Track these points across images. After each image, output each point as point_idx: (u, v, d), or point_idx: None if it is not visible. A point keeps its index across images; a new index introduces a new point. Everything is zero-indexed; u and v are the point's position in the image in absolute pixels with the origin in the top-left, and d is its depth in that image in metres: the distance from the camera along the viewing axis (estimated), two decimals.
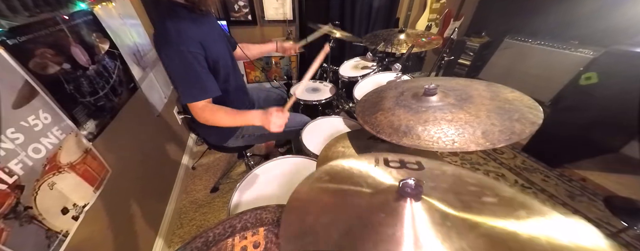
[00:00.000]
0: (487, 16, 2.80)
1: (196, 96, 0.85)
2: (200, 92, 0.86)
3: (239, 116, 0.91)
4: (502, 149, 2.00)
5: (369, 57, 1.73)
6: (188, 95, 0.84)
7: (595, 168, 1.76)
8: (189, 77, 0.83)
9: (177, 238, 1.40)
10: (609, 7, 1.92)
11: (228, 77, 1.00)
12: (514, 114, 0.61)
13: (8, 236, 0.58)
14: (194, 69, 0.82)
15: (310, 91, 1.63)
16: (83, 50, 0.93)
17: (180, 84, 0.84)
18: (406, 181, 0.39)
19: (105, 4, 1.15)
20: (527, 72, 2.37)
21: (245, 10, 2.14)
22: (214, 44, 0.90)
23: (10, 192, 0.60)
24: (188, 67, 0.81)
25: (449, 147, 0.58)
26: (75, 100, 0.86)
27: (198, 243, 0.46)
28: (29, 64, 0.70)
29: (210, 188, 1.70)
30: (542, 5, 2.33)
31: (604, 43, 1.87)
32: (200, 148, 2.06)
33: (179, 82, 0.84)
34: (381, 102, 0.81)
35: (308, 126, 1.17)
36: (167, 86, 1.73)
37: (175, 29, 0.79)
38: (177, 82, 0.84)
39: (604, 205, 1.26)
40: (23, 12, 0.73)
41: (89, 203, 0.86)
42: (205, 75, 0.86)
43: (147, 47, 1.53)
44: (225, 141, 1.16)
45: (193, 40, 0.82)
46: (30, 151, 0.66)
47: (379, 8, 2.38)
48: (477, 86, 0.76)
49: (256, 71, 2.51)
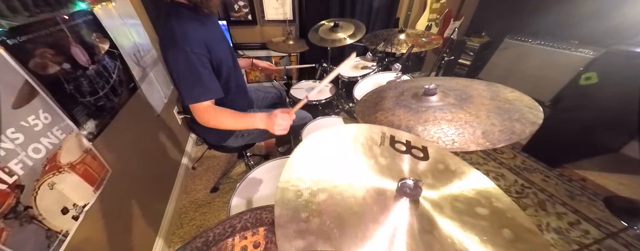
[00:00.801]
0: (487, 16, 2.80)
1: (199, 97, 0.85)
2: (203, 93, 0.85)
3: (242, 118, 0.89)
4: (502, 149, 2.00)
5: (369, 57, 1.73)
6: (191, 96, 0.84)
7: (595, 168, 1.76)
8: (192, 79, 0.83)
9: (177, 238, 1.40)
10: (609, 7, 1.92)
11: (229, 77, 1.01)
12: (514, 114, 0.61)
13: (8, 236, 0.58)
14: (198, 70, 0.82)
15: (310, 91, 1.63)
16: (83, 50, 0.93)
17: (183, 85, 0.83)
18: (405, 181, 0.39)
19: (105, 4, 1.14)
20: (527, 72, 2.37)
21: (245, 10, 2.14)
22: (217, 45, 0.90)
23: (10, 192, 0.60)
24: (192, 68, 0.81)
25: (449, 147, 0.58)
26: (75, 100, 0.86)
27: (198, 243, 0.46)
28: (29, 64, 0.70)
29: (210, 188, 1.70)
30: (542, 5, 2.33)
31: (604, 43, 1.87)
32: (200, 148, 2.06)
33: (182, 83, 0.83)
34: (381, 102, 0.81)
35: (308, 126, 1.17)
36: (167, 86, 1.73)
37: (181, 30, 0.79)
38: (180, 83, 0.84)
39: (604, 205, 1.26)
40: (23, 12, 0.73)
41: (89, 203, 0.86)
42: (209, 76, 0.86)
43: (147, 47, 1.53)
44: (225, 140, 1.16)
45: (198, 42, 0.82)
46: (30, 151, 0.66)
47: (379, 8, 2.38)
48: (477, 86, 0.76)
49: (256, 71, 2.52)
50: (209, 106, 0.87)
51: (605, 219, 1.42)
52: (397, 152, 0.51)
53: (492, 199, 0.43)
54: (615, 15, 1.89)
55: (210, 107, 0.88)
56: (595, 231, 1.38)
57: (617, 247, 1.30)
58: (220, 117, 0.88)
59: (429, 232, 0.36)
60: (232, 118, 0.89)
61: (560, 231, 1.38)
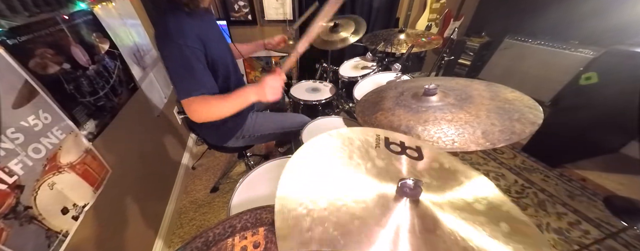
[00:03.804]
0: (487, 16, 2.80)
1: (191, 91, 0.81)
2: (195, 86, 0.82)
3: (233, 99, 0.86)
4: (502, 149, 2.00)
5: (368, 57, 1.73)
6: (183, 89, 0.81)
7: (595, 168, 1.76)
8: (185, 73, 0.81)
9: (177, 238, 1.40)
10: (609, 7, 1.92)
11: (229, 77, 1.00)
12: (514, 114, 0.61)
13: (8, 236, 0.58)
14: (191, 64, 0.81)
15: (310, 91, 1.63)
16: (83, 50, 0.93)
17: (176, 78, 0.82)
18: (405, 181, 0.39)
19: (105, 4, 1.14)
20: (527, 72, 2.37)
21: (245, 10, 2.14)
22: (213, 43, 0.89)
23: (10, 192, 0.60)
24: (185, 61, 0.80)
25: (449, 147, 0.58)
26: (75, 100, 0.86)
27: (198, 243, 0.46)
28: (29, 64, 0.70)
29: (210, 188, 1.70)
30: (542, 5, 2.33)
31: (604, 43, 1.87)
32: (200, 148, 2.06)
33: (175, 77, 0.82)
34: (381, 102, 0.81)
35: (308, 126, 1.17)
36: (167, 86, 1.73)
37: (175, 24, 0.79)
38: (173, 77, 0.82)
39: (604, 205, 1.26)
40: (23, 12, 0.73)
41: (89, 203, 0.86)
42: (203, 71, 0.85)
43: (147, 47, 1.53)
44: (226, 141, 1.16)
45: (192, 36, 0.81)
46: (30, 151, 0.66)
47: (379, 8, 2.38)
48: (477, 86, 0.76)
49: (256, 71, 2.52)
50: (197, 97, 0.82)
51: (605, 219, 1.42)
52: (392, 153, 0.51)
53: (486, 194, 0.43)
54: (615, 15, 1.89)
55: (197, 98, 0.82)
56: (595, 231, 1.38)
57: (617, 247, 1.30)
58: (211, 105, 0.85)
59: (432, 231, 0.36)
60: (223, 102, 0.86)
61: (560, 232, 1.38)
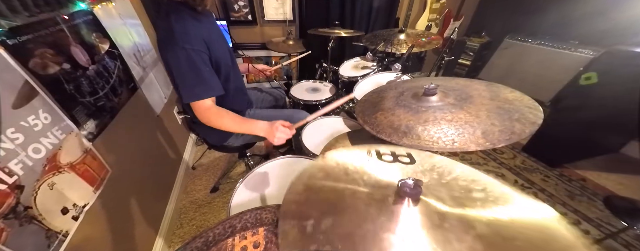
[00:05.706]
0: (487, 16, 2.80)
1: (200, 95, 0.85)
2: (205, 90, 0.85)
3: (244, 124, 0.92)
4: (502, 149, 2.00)
5: (369, 57, 1.73)
6: (192, 94, 0.84)
7: (595, 168, 1.76)
8: (194, 76, 0.83)
9: (177, 238, 1.40)
10: (609, 7, 1.92)
11: (229, 77, 1.01)
12: (514, 114, 0.61)
13: (8, 236, 0.58)
14: (198, 67, 0.82)
15: (310, 91, 1.63)
16: (83, 50, 0.93)
17: (183, 82, 0.83)
18: (405, 181, 0.39)
19: (105, 4, 1.14)
20: (527, 72, 2.37)
21: (245, 10, 2.14)
22: (216, 44, 0.90)
23: (10, 192, 0.60)
24: (192, 65, 0.81)
25: (449, 147, 0.58)
26: (75, 100, 0.86)
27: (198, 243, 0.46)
28: (29, 64, 0.70)
29: (210, 188, 1.70)
30: (542, 5, 2.33)
31: (604, 43, 1.87)
32: (200, 148, 2.06)
33: (182, 81, 0.83)
34: (381, 102, 0.81)
35: (308, 126, 1.17)
36: (167, 86, 1.72)
37: (180, 28, 0.79)
38: (180, 81, 0.83)
39: (604, 205, 1.26)
40: (23, 12, 0.73)
41: (89, 203, 0.86)
42: (210, 73, 0.86)
43: (147, 47, 1.53)
44: (226, 140, 1.16)
45: (198, 39, 0.82)
46: (30, 151, 0.66)
47: (379, 8, 2.38)
48: (477, 86, 0.76)
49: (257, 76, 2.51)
50: (212, 106, 0.88)
51: (605, 219, 1.42)
52: (385, 163, 0.51)
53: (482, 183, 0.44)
54: (615, 16, 1.90)
55: (213, 108, 0.88)
56: (595, 231, 1.38)
57: (617, 247, 1.30)
58: (224, 119, 0.90)
59: (440, 226, 0.36)
60: (233, 122, 0.91)
61: None
